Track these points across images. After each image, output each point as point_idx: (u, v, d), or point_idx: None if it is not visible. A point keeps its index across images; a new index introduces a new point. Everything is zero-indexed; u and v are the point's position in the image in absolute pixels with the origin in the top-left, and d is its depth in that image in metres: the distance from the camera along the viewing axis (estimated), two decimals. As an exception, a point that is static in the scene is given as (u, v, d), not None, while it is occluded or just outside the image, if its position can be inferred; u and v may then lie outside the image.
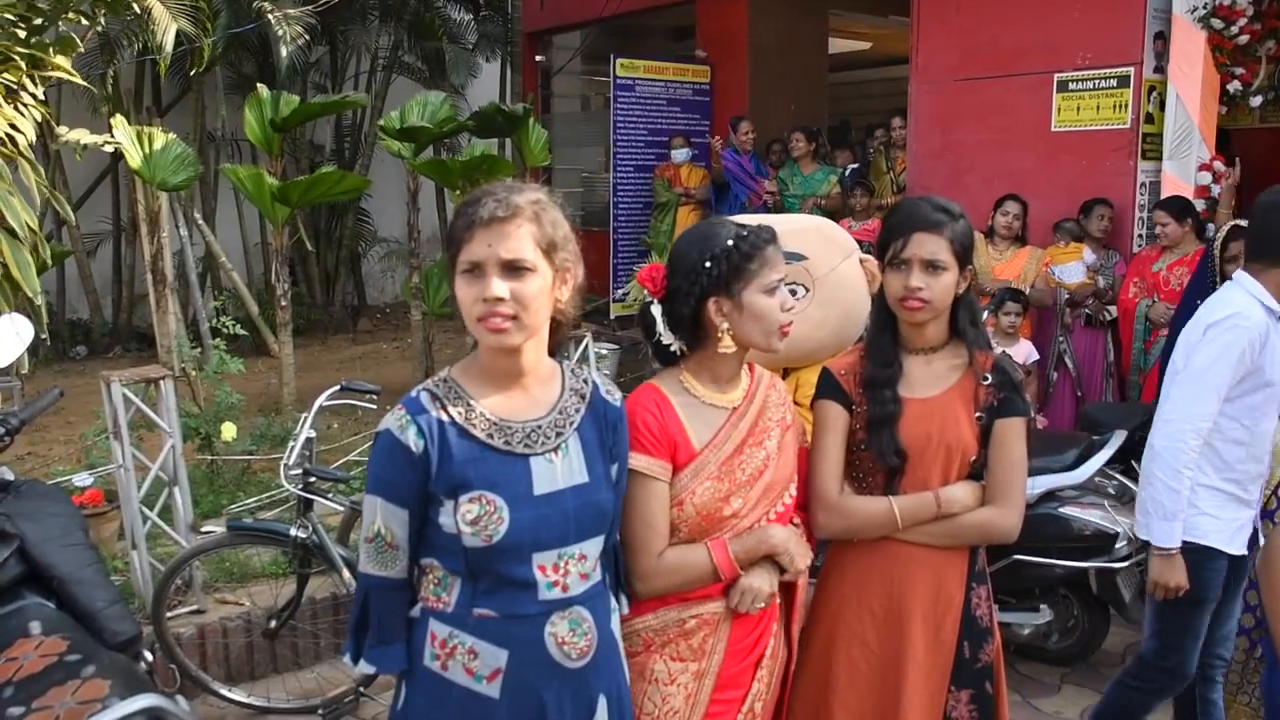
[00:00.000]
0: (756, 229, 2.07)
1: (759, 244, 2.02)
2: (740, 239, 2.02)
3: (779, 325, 2.03)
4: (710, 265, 1.99)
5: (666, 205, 8.24)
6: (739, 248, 2.00)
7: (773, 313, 2.01)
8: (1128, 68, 6.29)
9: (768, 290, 2.01)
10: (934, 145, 7.30)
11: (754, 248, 2.01)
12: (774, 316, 2.02)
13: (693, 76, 9.14)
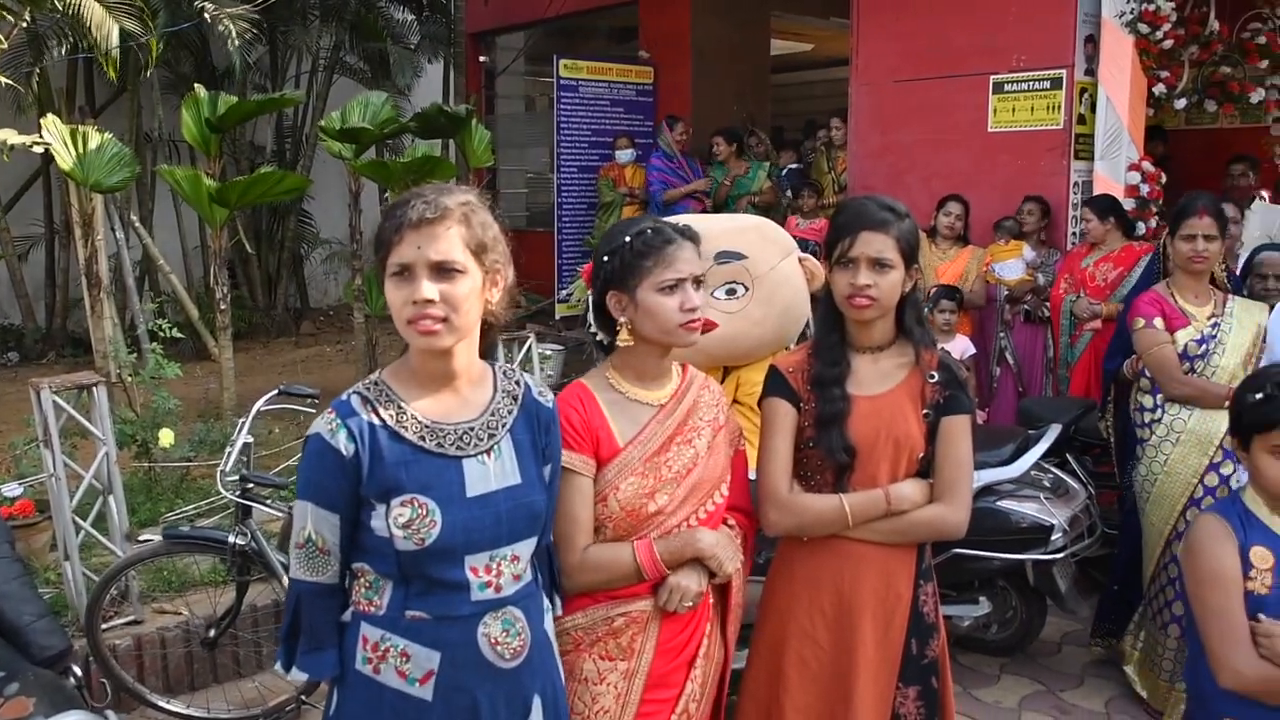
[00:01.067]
0: (661, 228, 2.09)
1: (656, 243, 2.03)
2: (637, 236, 2.04)
3: (676, 324, 2.03)
4: (607, 260, 2.04)
5: (611, 205, 8.25)
6: (633, 245, 2.03)
7: (666, 311, 2.02)
8: (1060, 70, 6.42)
9: (662, 288, 2.01)
10: (874, 145, 7.40)
11: (649, 246, 2.03)
12: (668, 315, 2.02)
13: (636, 77, 9.16)
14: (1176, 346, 3.60)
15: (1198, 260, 3.58)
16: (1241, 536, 2.07)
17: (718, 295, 3.28)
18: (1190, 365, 3.60)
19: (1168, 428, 3.63)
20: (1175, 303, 3.66)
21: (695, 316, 2.00)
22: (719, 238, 3.31)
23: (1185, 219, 3.59)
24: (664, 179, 7.91)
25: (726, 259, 3.33)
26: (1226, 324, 3.62)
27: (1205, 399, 3.55)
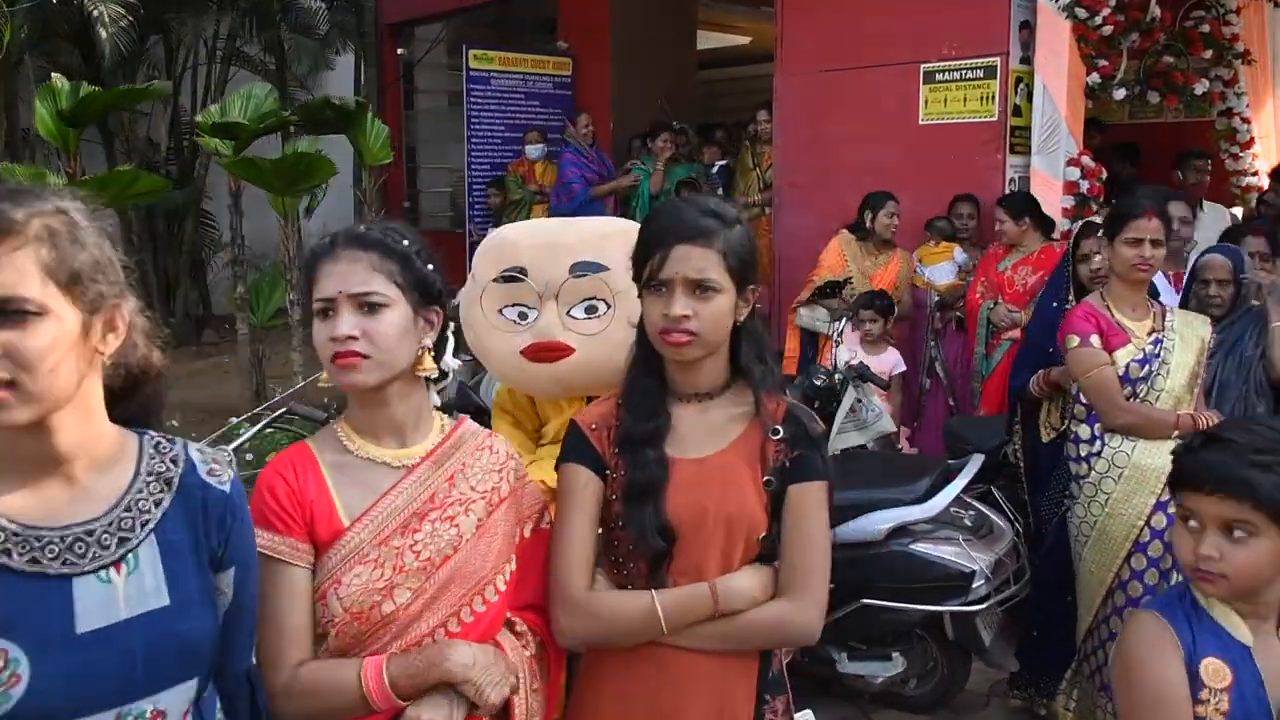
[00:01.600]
0: (335, 235, 1.62)
1: (316, 254, 1.59)
2: (313, 247, 1.61)
3: (327, 359, 1.56)
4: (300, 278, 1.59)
5: (520, 203, 7.71)
6: (306, 258, 1.61)
7: (317, 339, 1.57)
8: (994, 58, 5.98)
9: (317, 313, 1.57)
10: (800, 139, 6.92)
11: (308, 263, 1.59)
12: (319, 345, 1.57)
13: (553, 69, 8.62)
14: (1116, 368, 3.13)
15: (1142, 267, 3.11)
16: (1189, 644, 1.57)
17: (575, 314, 2.77)
18: (1132, 389, 3.14)
19: (1108, 462, 3.15)
20: (1112, 317, 3.19)
21: (345, 349, 1.53)
22: (577, 246, 2.80)
23: (1130, 220, 3.12)
24: (584, 175, 7.39)
25: (584, 271, 2.80)
26: (1169, 340, 3.16)
27: (1151, 428, 3.09)
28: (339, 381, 1.58)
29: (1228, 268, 3.61)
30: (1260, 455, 1.52)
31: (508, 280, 2.64)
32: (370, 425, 1.62)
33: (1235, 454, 1.54)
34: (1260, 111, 7.34)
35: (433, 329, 1.65)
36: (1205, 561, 1.54)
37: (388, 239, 1.61)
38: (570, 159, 7.41)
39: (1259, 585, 1.55)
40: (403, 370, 1.60)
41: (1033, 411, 3.60)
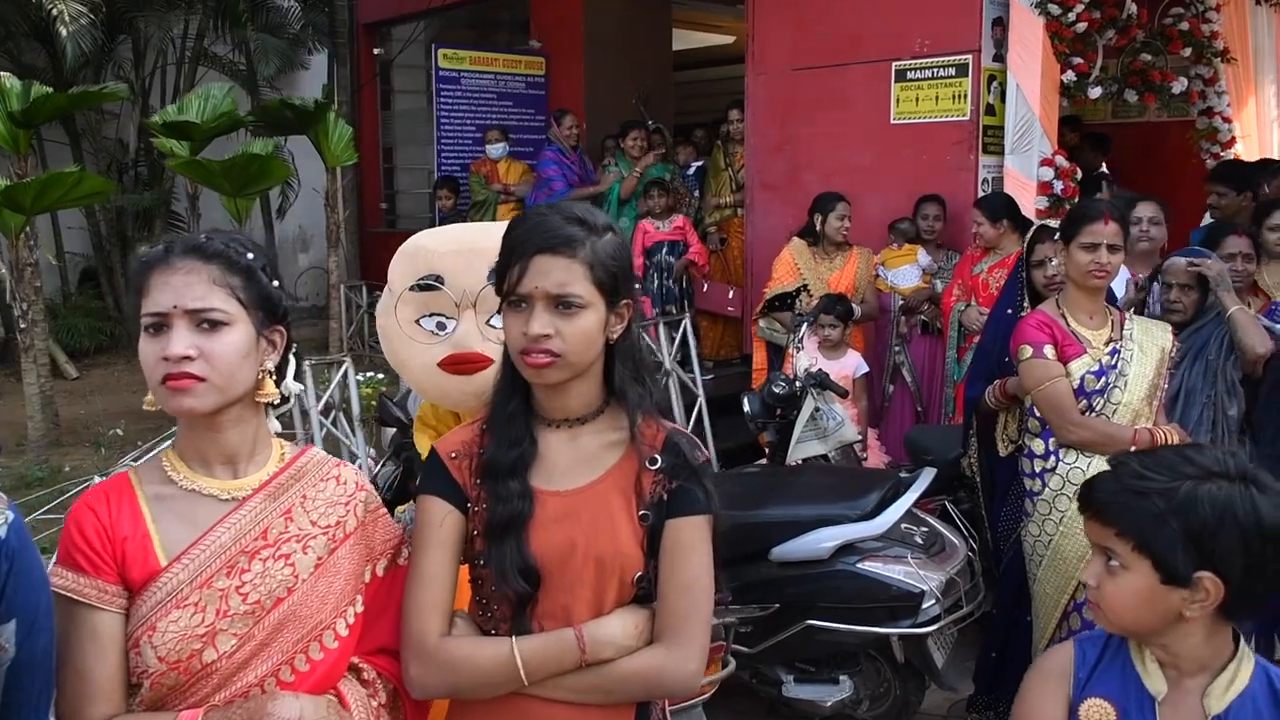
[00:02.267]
0: (169, 243, 1.47)
1: (148, 263, 1.45)
2: (144, 254, 1.47)
3: (155, 382, 1.42)
4: None
5: (484, 203, 7.54)
6: (136, 266, 1.47)
7: (144, 357, 1.43)
8: (966, 55, 5.84)
9: (146, 328, 1.43)
10: (772, 139, 6.77)
11: (143, 267, 1.45)
12: (146, 364, 1.42)
13: (525, 68, 8.47)
14: (1072, 380, 2.98)
15: (1098, 274, 2.96)
16: (1081, 680, 1.47)
17: (496, 323, 2.63)
18: (1087, 402, 2.99)
19: (1063, 479, 3.00)
20: (1068, 326, 3.04)
21: (178, 370, 1.39)
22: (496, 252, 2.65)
23: (1086, 224, 2.97)
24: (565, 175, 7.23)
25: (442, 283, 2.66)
26: (1127, 350, 3.02)
27: (1107, 444, 2.94)
28: (168, 406, 1.43)
29: (1189, 273, 3.47)
30: (1140, 482, 1.39)
31: (424, 289, 2.49)
32: (200, 453, 1.47)
33: (1118, 478, 1.43)
34: (1242, 110, 7.19)
35: (275, 350, 1.52)
36: (1089, 589, 1.46)
37: (230, 250, 1.48)
38: (551, 158, 7.25)
39: (1130, 625, 1.44)
40: (241, 395, 1.46)
41: (989, 423, 3.45)
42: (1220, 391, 3.36)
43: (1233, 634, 1.43)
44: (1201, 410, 3.37)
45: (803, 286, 5.33)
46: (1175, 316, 3.53)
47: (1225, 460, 1.39)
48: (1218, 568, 1.34)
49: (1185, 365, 3.39)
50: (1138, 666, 1.45)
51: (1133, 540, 1.39)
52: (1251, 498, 1.35)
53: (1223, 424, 3.38)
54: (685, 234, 6.77)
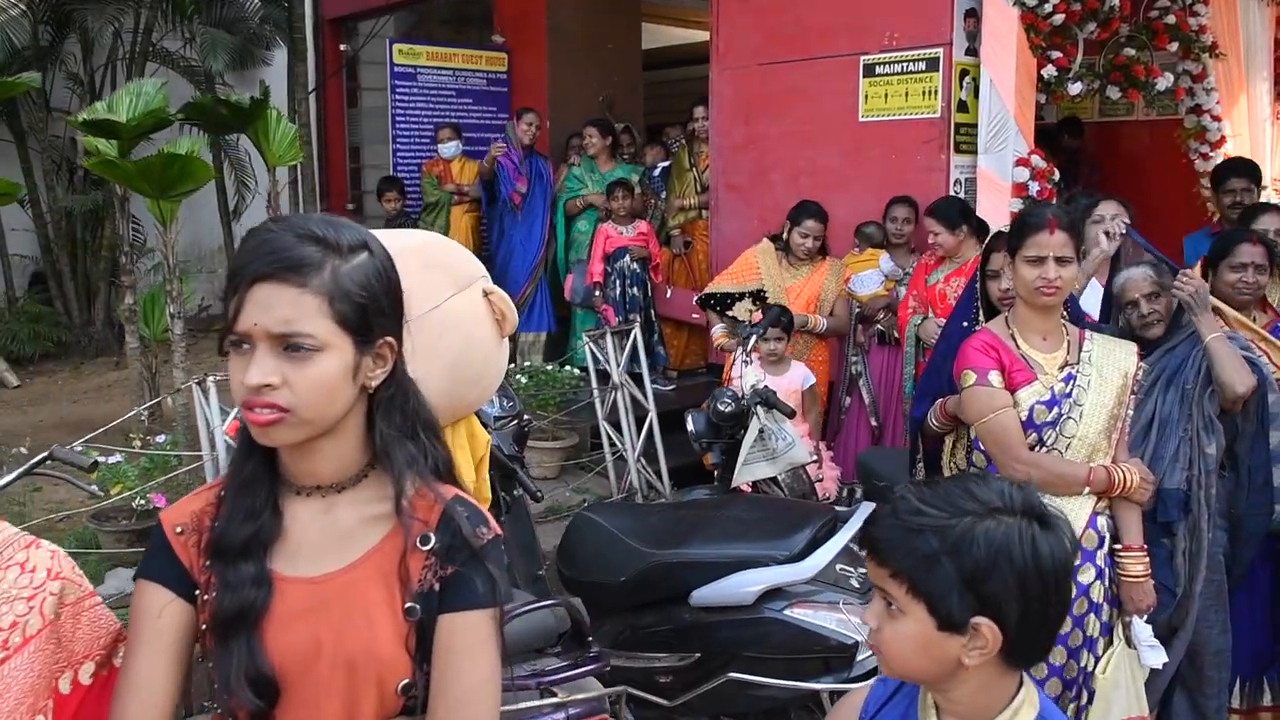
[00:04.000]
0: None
1: None
2: None
3: None
4: None
5: (437, 205, 7.19)
6: None
7: None
8: (936, 49, 5.50)
9: None
10: (737, 138, 6.44)
11: None
12: None
13: (486, 64, 8.12)
14: (1020, 411, 2.64)
15: (1046, 291, 2.62)
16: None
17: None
18: (1037, 435, 2.65)
19: None
20: (1017, 348, 2.70)
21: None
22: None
23: (1029, 235, 2.64)
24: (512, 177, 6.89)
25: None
26: (1084, 376, 2.67)
27: (1058, 483, 2.61)
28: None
29: (1151, 279, 3.14)
30: (916, 518, 1.25)
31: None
32: None
33: (895, 513, 1.29)
34: (1233, 109, 6.85)
35: None
36: (869, 632, 1.34)
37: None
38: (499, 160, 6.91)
39: (911, 672, 1.31)
40: None
41: (937, 447, 3.11)
42: (1197, 427, 3.03)
43: (1019, 677, 1.32)
44: (1179, 444, 3.04)
45: (756, 291, 4.99)
46: (1152, 331, 3.20)
47: (1010, 495, 1.26)
48: (994, 612, 1.22)
49: (1159, 390, 3.06)
50: (920, 711, 1.35)
51: (907, 582, 1.25)
52: (1032, 536, 1.23)
53: (1199, 463, 3.05)
54: (648, 239, 6.43)
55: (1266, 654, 3.37)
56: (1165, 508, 3.00)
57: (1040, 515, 1.25)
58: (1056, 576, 1.22)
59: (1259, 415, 3.13)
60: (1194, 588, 3.05)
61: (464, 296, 2.41)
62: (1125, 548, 2.67)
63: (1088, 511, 2.62)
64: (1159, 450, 3.02)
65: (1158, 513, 3.01)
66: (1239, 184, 5.08)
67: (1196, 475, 2.95)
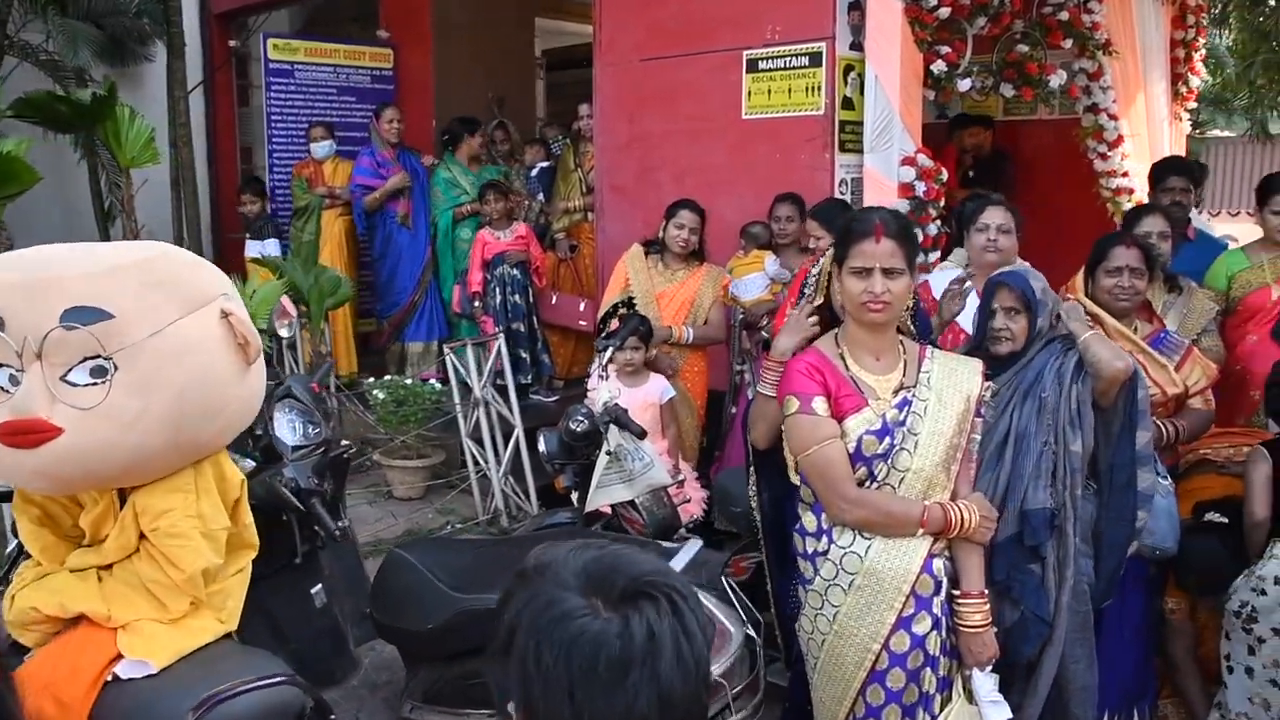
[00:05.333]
0: None
1: None
2: None
3: None
4: None
5: (308, 210, 6.80)
6: None
7: None
8: (819, 44, 5.26)
9: None
10: (621, 137, 6.15)
11: None
12: None
13: (370, 60, 7.73)
14: (847, 441, 2.37)
15: (873, 306, 2.35)
16: None
17: (73, 379, 1.99)
18: (867, 470, 2.38)
19: (836, 566, 2.39)
20: (846, 370, 2.43)
21: None
22: (75, 284, 2.01)
23: (854, 243, 2.38)
24: (365, 182, 6.51)
25: (79, 320, 2.00)
26: (920, 402, 2.40)
27: (890, 524, 2.35)
28: None
29: (1018, 295, 2.91)
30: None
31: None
32: None
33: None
34: (1130, 108, 6.75)
35: None
36: None
37: None
38: (364, 164, 6.54)
39: None
40: None
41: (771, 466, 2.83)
42: (1062, 423, 2.80)
43: None
44: (1039, 456, 2.80)
45: (628, 300, 4.70)
46: (1005, 346, 2.98)
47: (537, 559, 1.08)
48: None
49: (1014, 404, 2.82)
50: None
51: None
52: (548, 601, 1.03)
53: (1065, 465, 2.82)
54: (528, 243, 6.11)
55: (1138, 686, 3.16)
56: (1032, 529, 2.78)
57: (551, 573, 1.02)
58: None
59: (1127, 409, 2.93)
60: (1058, 620, 2.84)
61: (195, 319, 2.08)
62: (964, 594, 2.40)
63: (923, 554, 2.35)
64: (1018, 468, 2.78)
65: (1024, 535, 2.79)
66: (1178, 182, 4.91)
67: (1061, 486, 2.74)
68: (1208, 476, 3.54)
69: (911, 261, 2.36)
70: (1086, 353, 2.84)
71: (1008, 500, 2.79)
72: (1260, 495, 3.15)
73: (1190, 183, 4.86)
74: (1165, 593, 3.42)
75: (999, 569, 2.80)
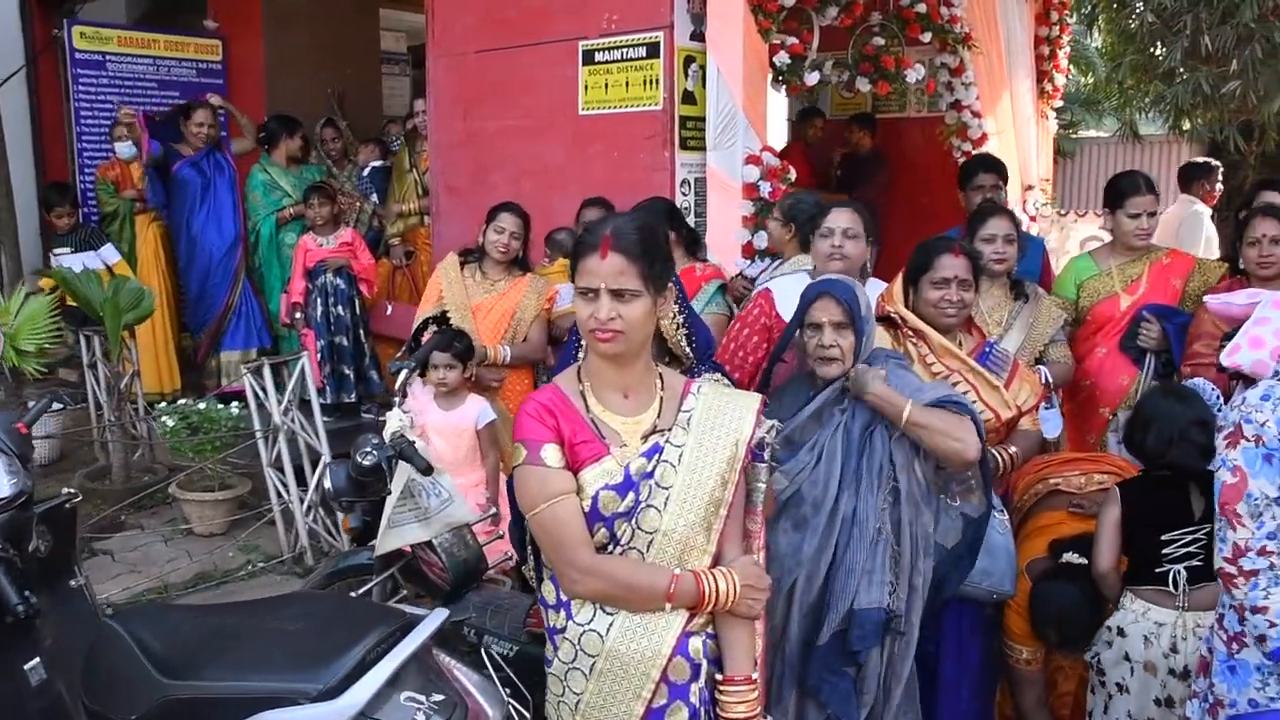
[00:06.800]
0: None
1: None
2: None
3: None
4: None
5: (116, 215, 6.19)
6: None
7: None
8: (656, 33, 4.88)
9: None
10: (456, 135, 5.69)
11: None
12: None
13: (196, 52, 7.11)
14: (584, 498, 1.96)
15: (601, 336, 1.94)
16: None
17: None
18: (609, 532, 1.96)
19: (574, 646, 1.97)
20: (586, 411, 2.01)
21: None
22: None
23: (579, 259, 1.97)
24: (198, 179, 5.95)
25: None
26: (675, 446, 1.98)
27: (632, 597, 1.94)
28: None
29: (843, 308, 2.58)
30: None
31: None
32: None
33: None
34: (996, 105, 6.55)
35: None
36: None
37: None
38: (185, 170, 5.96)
39: None
40: None
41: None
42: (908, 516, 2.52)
43: None
44: (877, 544, 2.50)
45: (442, 314, 4.25)
46: (834, 368, 2.63)
47: None
48: None
49: (824, 463, 2.53)
50: None
51: None
52: None
53: (910, 549, 2.55)
54: (353, 249, 5.60)
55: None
56: (860, 634, 2.47)
57: None
58: None
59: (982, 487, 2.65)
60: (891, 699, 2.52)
61: None
62: (726, 679, 1.99)
63: (676, 632, 1.94)
64: (848, 560, 2.45)
65: (851, 638, 2.46)
66: (987, 180, 4.64)
67: (905, 569, 2.45)
68: (1061, 511, 3.22)
69: (655, 280, 1.95)
70: (920, 440, 2.51)
71: (833, 598, 2.49)
72: (1107, 543, 2.84)
73: (1000, 179, 4.60)
74: (1008, 636, 3.10)
75: (812, 672, 2.47)
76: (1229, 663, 2.17)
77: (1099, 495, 3.11)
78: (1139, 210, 3.95)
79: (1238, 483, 2.11)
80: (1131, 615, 2.77)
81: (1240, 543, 2.11)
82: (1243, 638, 2.16)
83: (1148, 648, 2.67)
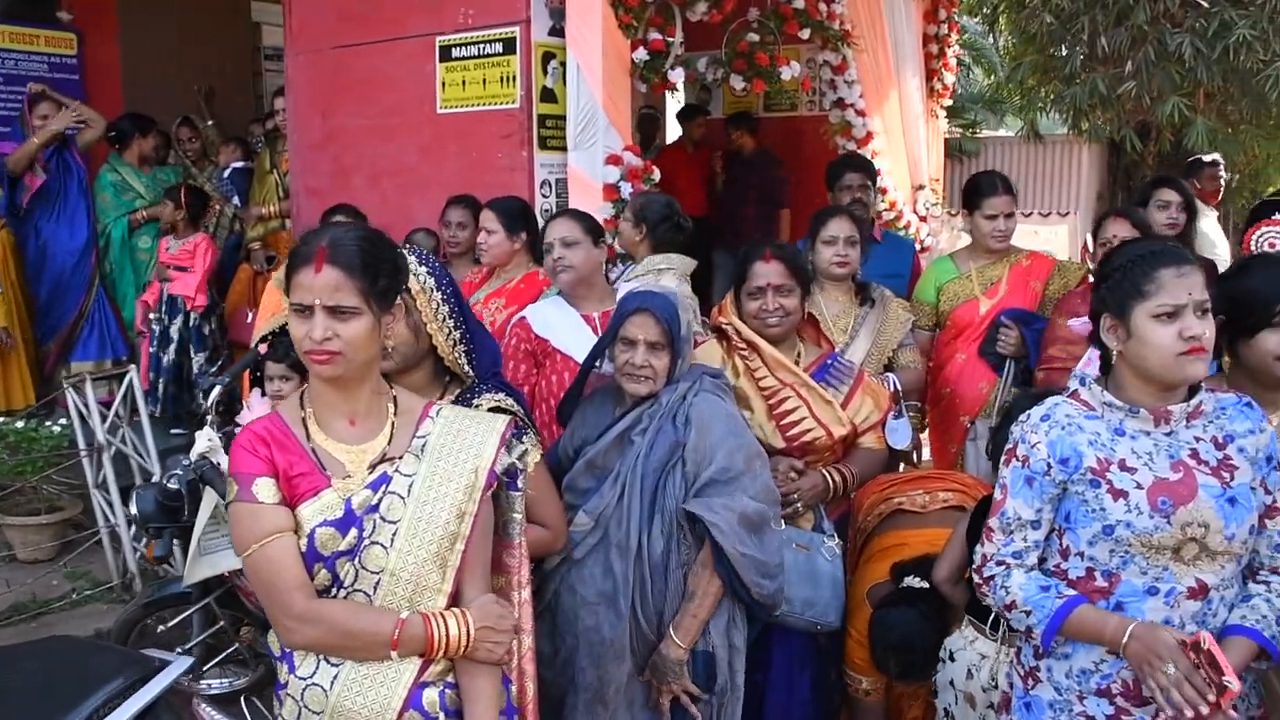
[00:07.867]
0: None
1: None
2: None
3: None
4: None
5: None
6: None
7: None
8: (512, 28, 4.68)
9: None
10: (315, 135, 5.43)
11: None
12: None
13: (48, 45, 6.71)
14: (301, 536, 1.74)
15: (316, 357, 1.74)
16: None
17: None
18: (330, 573, 1.75)
19: (298, 702, 1.77)
20: (306, 440, 1.80)
21: None
22: None
23: (293, 272, 1.77)
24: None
25: None
26: (405, 476, 1.79)
27: (354, 645, 1.74)
28: None
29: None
30: None
31: None
32: None
33: None
34: (883, 104, 6.44)
35: None
36: None
37: None
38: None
39: None
40: None
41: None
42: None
43: None
44: None
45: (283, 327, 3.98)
46: (644, 386, 2.47)
47: None
48: None
49: (639, 508, 2.38)
50: None
51: None
52: None
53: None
54: (193, 256, 5.30)
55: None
56: (694, 670, 2.43)
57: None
58: None
59: None
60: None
61: None
62: None
63: (407, 683, 1.74)
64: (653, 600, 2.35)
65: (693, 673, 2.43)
66: (854, 179, 4.50)
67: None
68: (905, 532, 2.98)
69: (378, 296, 1.75)
70: None
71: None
72: (949, 553, 2.65)
73: (869, 179, 4.47)
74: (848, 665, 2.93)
75: None
76: (1025, 699, 2.04)
77: (943, 514, 2.95)
78: (996, 211, 3.85)
79: (1000, 500, 2.02)
80: (961, 641, 2.62)
81: (988, 554, 2.04)
82: (1037, 673, 2.02)
83: (969, 679, 2.52)
